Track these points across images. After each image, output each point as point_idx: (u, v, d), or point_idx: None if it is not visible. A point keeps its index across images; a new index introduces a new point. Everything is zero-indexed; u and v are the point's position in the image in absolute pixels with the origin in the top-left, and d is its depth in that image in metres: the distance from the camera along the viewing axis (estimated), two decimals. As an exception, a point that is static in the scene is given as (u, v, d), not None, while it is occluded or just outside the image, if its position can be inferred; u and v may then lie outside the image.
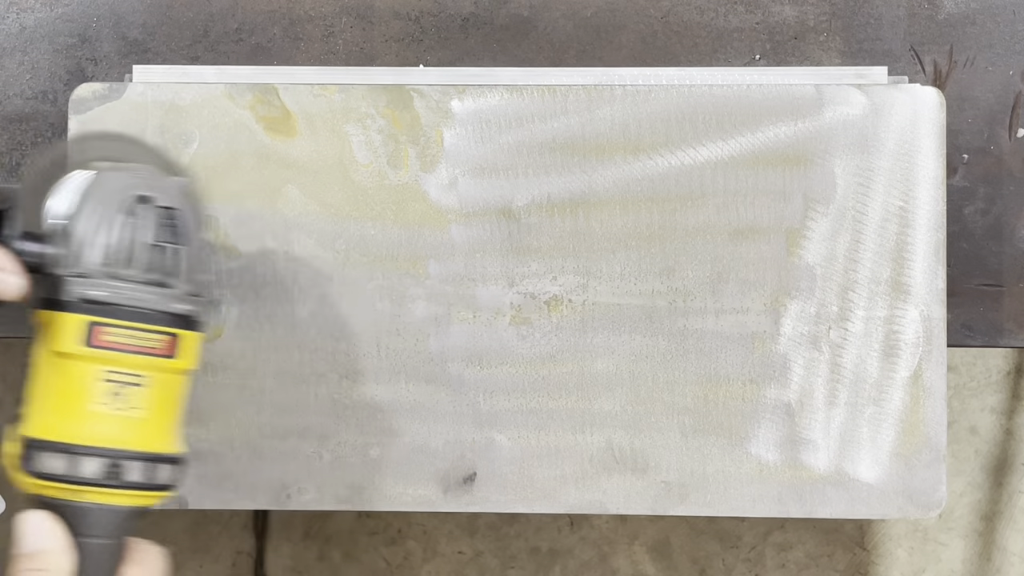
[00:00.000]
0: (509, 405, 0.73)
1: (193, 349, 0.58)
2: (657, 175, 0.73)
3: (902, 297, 0.72)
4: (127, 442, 0.56)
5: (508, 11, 0.78)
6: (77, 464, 0.55)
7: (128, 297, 0.56)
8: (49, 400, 0.56)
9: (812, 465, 0.73)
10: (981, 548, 1.57)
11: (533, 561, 1.56)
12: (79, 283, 0.56)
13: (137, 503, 0.57)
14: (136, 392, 0.56)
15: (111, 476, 0.56)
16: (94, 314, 0.55)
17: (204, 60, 0.78)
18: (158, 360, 0.57)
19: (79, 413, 0.56)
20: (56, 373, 0.56)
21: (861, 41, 0.78)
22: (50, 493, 0.56)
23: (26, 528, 0.55)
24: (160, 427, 0.58)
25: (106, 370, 0.56)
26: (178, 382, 0.58)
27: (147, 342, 0.56)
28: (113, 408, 0.56)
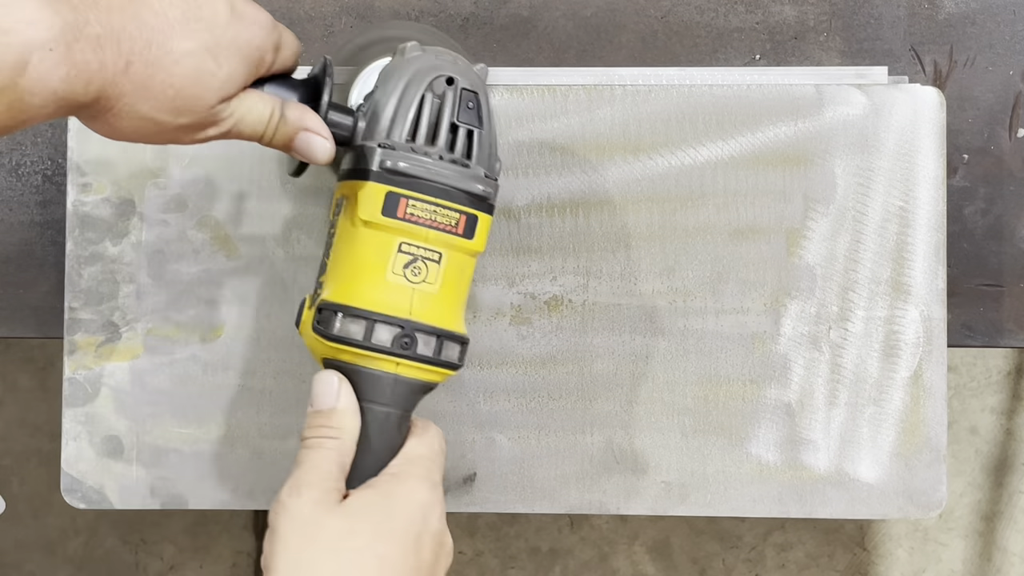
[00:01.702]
0: (509, 405, 0.73)
1: (485, 231, 0.59)
2: (657, 175, 0.73)
3: (902, 297, 0.72)
4: (420, 315, 0.57)
5: (508, 11, 0.78)
6: (373, 331, 0.56)
7: (431, 172, 0.57)
8: (348, 268, 0.57)
9: (812, 465, 0.73)
10: (981, 548, 1.57)
11: (533, 561, 1.56)
12: (385, 154, 0.57)
13: (424, 377, 0.58)
14: (431, 268, 0.57)
15: (404, 346, 0.57)
16: (398, 185, 0.56)
17: (204, 60, 0.78)
18: (454, 238, 0.57)
19: (378, 282, 0.57)
20: (357, 242, 0.57)
21: (861, 41, 0.78)
22: (344, 357, 0.57)
23: (321, 387, 0.57)
24: (450, 305, 0.58)
25: (405, 241, 0.57)
26: (468, 264, 0.59)
27: (445, 218, 0.57)
28: (409, 280, 0.57)
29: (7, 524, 1.57)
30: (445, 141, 0.58)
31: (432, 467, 0.57)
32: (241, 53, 0.53)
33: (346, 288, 0.57)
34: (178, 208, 0.73)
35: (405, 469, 0.57)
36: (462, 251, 0.58)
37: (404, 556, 0.54)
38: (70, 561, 1.58)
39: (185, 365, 0.73)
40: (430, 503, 0.56)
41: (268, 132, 0.56)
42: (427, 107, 0.58)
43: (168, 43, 0.50)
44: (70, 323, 0.73)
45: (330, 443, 0.56)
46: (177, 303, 0.72)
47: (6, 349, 1.59)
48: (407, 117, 0.57)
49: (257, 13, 0.54)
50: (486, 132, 0.59)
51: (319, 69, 0.59)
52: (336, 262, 0.58)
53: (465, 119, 0.58)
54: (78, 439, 0.73)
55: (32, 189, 0.77)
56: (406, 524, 0.54)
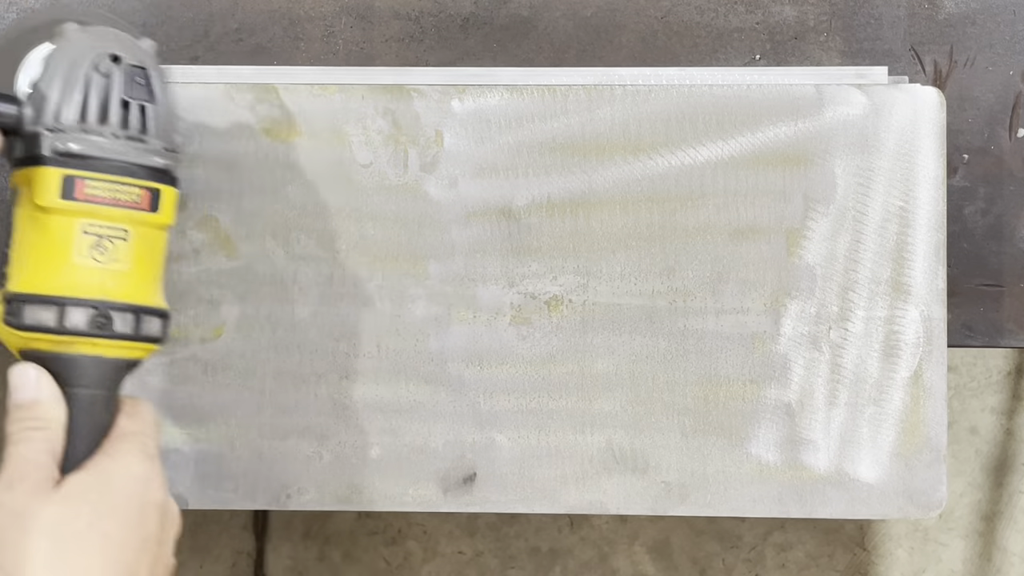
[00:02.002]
0: (509, 405, 0.73)
1: (171, 204, 0.59)
2: (657, 175, 0.73)
3: (902, 297, 0.72)
4: (113, 293, 0.57)
5: (508, 11, 0.78)
6: (65, 315, 0.56)
7: (106, 150, 0.57)
8: (33, 256, 0.57)
9: (812, 465, 0.73)
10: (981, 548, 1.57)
11: (533, 561, 1.56)
12: (56, 137, 0.56)
13: (126, 355, 0.58)
14: (119, 245, 0.57)
15: (99, 326, 0.56)
16: (73, 167, 0.56)
17: (204, 60, 0.78)
18: (139, 213, 0.58)
19: (64, 266, 0.56)
20: (39, 229, 0.57)
21: (861, 41, 0.78)
22: (39, 346, 0.57)
23: (18, 380, 0.56)
24: (144, 280, 0.58)
25: (88, 223, 0.56)
26: (159, 237, 0.59)
27: (127, 195, 0.57)
28: (97, 261, 0.57)
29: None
30: (118, 119, 0.58)
31: (146, 440, 0.57)
32: None
33: (33, 276, 0.57)
34: (178, 208, 0.73)
35: (117, 447, 0.57)
36: (150, 225, 0.58)
37: (128, 530, 0.54)
38: (70, 561, 1.58)
39: (185, 365, 0.73)
40: (147, 474, 0.56)
41: None
42: (94, 86, 0.57)
43: None
44: (70, 323, 0.73)
45: (37, 434, 0.55)
46: (177, 303, 0.72)
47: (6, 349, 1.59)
48: (74, 98, 0.57)
49: None
50: (160, 106, 0.59)
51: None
52: (20, 251, 0.58)
53: (135, 95, 0.58)
54: (78, 439, 0.73)
55: (32, 189, 0.77)
56: (125, 499, 0.55)
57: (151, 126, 0.59)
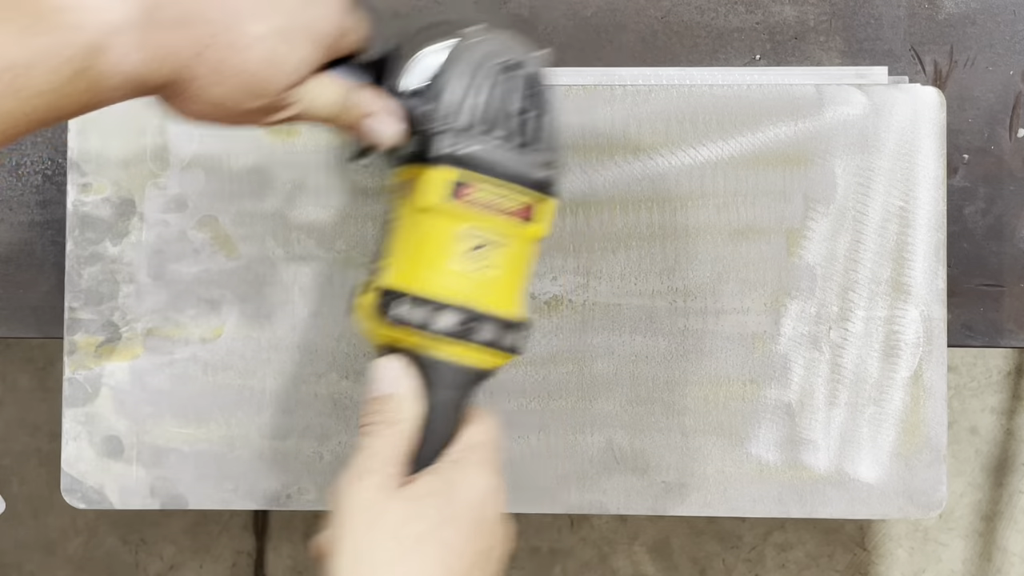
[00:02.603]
0: (509, 405, 0.73)
1: (548, 216, 0.58)
2: (657, 175, 0.73)
3: (902, 297, 0.72)
4: (482, 301, 0.56)
5: (508, 11, 0.78)
6: (435, 316, 0.55)
7: (496, 157, 0.56)
8: (411, 254, 0.57)
9: (812, 465, 0.73)
10: (981, 548, 1.57)
11: (533, 561, 1.56)
12: (449, 139, 0.56)
13: (485, 363, 0.57)
14: (494, 252, 0.57)
15: (466, 332, 0.56)
16: (463, 170, 0.56)
17: (204, 60, 0.78)
18: (517, 223, 0.57)
19: (440, 267, 0.56)
20: (420, 228, 0.57)
21: (861, 41, 0.78)
22: (406, 342, 0.56)
23: (382, 372, 0.56)
24: (512, 290, 0.58)
25: (469, 227, 0.56)
26: (531, 249, 0.59)
27: (509, 203, 0.57)
28: (472, 266, 0.56)
29: (7, 524, 1.57)
30: (509, 126, 0.57)
31: (492, 454, 0.57)
32: (312, 37, 0.53)
33: (409, 273, 0.56)
34: (178, 208, 0.73)
35: (466, 456, 0.56)
36: (526, 236, 0.58)
37: (466, 542, 0.54)
38: (70, 561, 1.58)
39: (185, 365, 0.73)
40: (491, 488, 0.56)
41: (337, 116, 0.55)
42: (494, 91, 0.57)
43: (241, 27, 0.50)
44: (70, 323, 0.73)
45: (391, 429, 0.55)
46: (177, 303, 0.72)
47: (6, 349, 1.59)
48: (473, 101, 0.57)
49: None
50: (552, 117, 0.58)
51: (388, 51, 0.58)
52: (398, 247, 0.58)
53: (530, 104, 0.58)
54: (78, 439, 0.73)
55: (32, 189, 0.77)
56: (468, 510, 0.54)
57: (541, 137, 0.58)
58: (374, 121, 0.56)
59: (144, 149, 0.73)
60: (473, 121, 0.57)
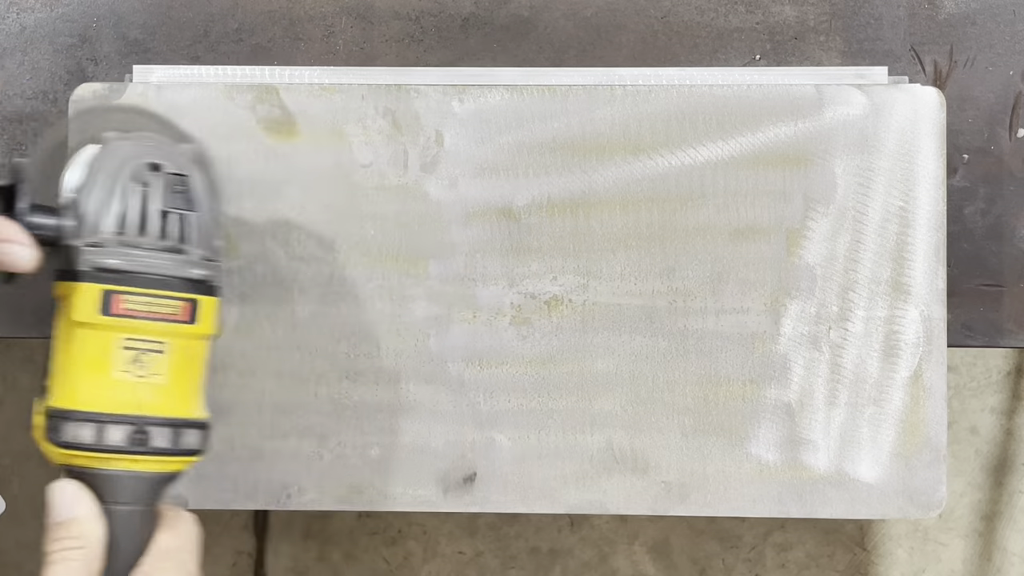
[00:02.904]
0: (509, 405, 0.73)
1: (211, 314, 0.59)
2: (657, 175, 0.73)
3: (902, 297, 0.72)
4: (151, 408, 0.57)
5: (508, 11, 0.78)
6: (103, 432, 0.56)
7: (143, 264, 0.57)
8: (71, 370, 0.57)
9: (812, 465, 0.73)
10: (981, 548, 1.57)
11: (533, 561, 1.56)
12: (93, 252, 0.56)
13: (165, 469, 0.58)
14: (157, 359, 0.57)
15: (137, 443, 0.56)
16: (110, 282, 0.56)
17: (204, 60, 0.78)
18: (177, 326, 0.57)
19: (102, 381, 0.56)
20: (77, 343, 0.57)
21: (861, 41, 0.78)
22: (78, 462, 0.56)
23: (56, 497, 0.56)
24: (183, 393, 0.58)
25: (126, 338, 0.56)
26: (199, 347, 0.59)
27: (165, 308, 0.57)
28: (135, 375, 0.56)
29: (7, 524, 1.57)
30: (156, 229, 0.57)
31: (186, 557, 0.57)
32: None
33: (72, 391, 0.56)
34: (178, 208, 0.73)
35: (157, 566, 0.56)
36: (189, 336, 0.58)
37: None
38: (70, 561, 1.58)
39: (185, 365, 0.73)
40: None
41: None
42: (133, 197, 0.57)
43: None
44: (70, 323, 0.72)
45: (74, 553, 0.55)
46: (177, 303, 0.72)
47: (6, 349, 1.59)
48: (112, 210, 0.57)
49: None
50: (201, 214, 0.58)
51: (11, 175, 0.58)
52: (60, 365, 0.57)
53: (174, 204, 0.58)
54: (78, 439, 0.73)
55: (32, 189, 0.77)
56: None
57: (190, 235, 0.58)
58: (4, 249, 0.56)
59: (144, 149, 0.73)
60: (117, 230, 0.57)
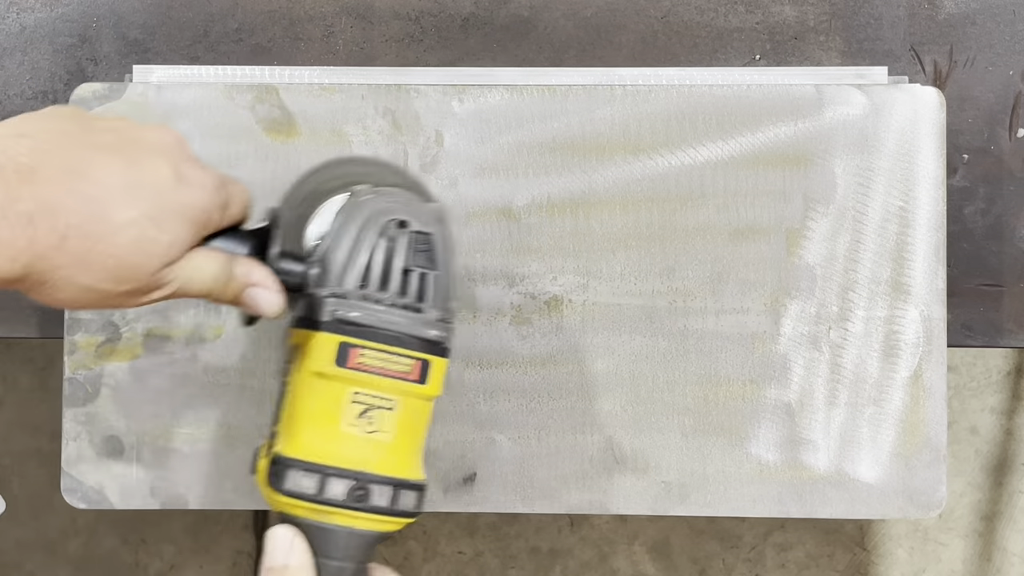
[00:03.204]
0: (509, 405, 0.73)
1: (440, 375, 0.58)
2: (657, 175, 0.73)
3: (902, 297, 0.72)
4: (375, 466, 0.56)
5: (508, 11, 0.78)
6: (325, 485, 0.56)
7: (382, 320, 0.56)
8: (302, 419, 0.57)
9: (812, 465, 0.73)
10: (981, 548, 1.57)
11: (533, 561, 1.56)
12: (335, 304, 0.56)
13: (380, 528, 0.57)
14: (385, 416, 0.57)
15: (358, 499, 0.56)
16: (349, 335, 0.56)
17: (204, 60, 0.78)
18: (408, 384, 0.57)
19: (330, 433, 0.56)
20: (310, 392, 0.57)
21: (861, 41, 0.78)
22: (297, 512, 0.56)
23: (274, 543, 0.56)
24: (406, 452, 0.58)
25: (358, 392, 0.56)
26: (424, 408, 0.59)
27: (398, 366, 0.56)
28: (363, 430, 0.56)
29: (7, 524, 1.57)
30: (397, 286, 0.57)
31: None
32: (185, 217, 0.52)
33: (299, 440, 0.56)
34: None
35: None
36: (417, 396, 0.57)
37: None
38: (70, 561, 1.58)
39: (185, 365, 0.73)
40: None
41: (216, 290, 0.55)
42: (378, 252, 0.57)
43: (108, 213, 0.49)
44: (70, 323, 0.73)
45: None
46: (177, 303, 0.72)
47: (6, 349, 1.59)
48: (357, 264, 0.57)
49: (203, 176, 0.54)
50: (440, 274, 0.58)
51: (267, 219, 0.59)
52: (289, 412, 0.58)
53: (417, 262, 0.58)
54: (78, 439, 0.73)
55: (32, 189, 0.77)
56: None
57: (429, 295, 0.58)
58: (254, 293, 0.56)
59: (144, 149, 0.73)
60: (359, 284, 0.57)
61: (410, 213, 0.58)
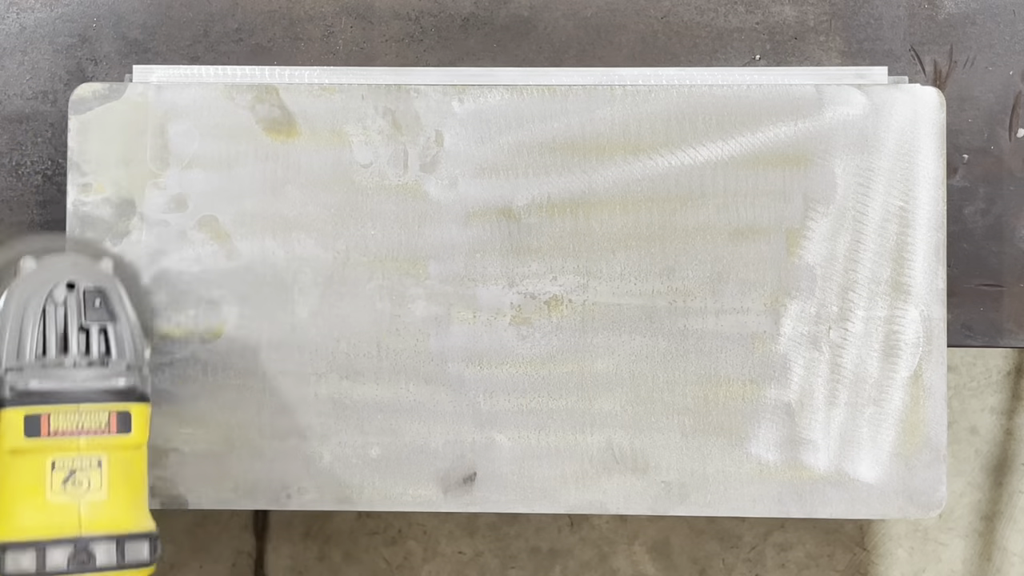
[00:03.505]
0: (509, 405, 0.73)
1: (144, 421, 0.58)
2: (657, 175, 0.73)
3: (902, 297, 0.72)
4: (92, 526, 0.56)
5: (508, 11, 0.78)
6: (46, 558, 0.55)
7: (66, 382, 0.56)
8: (8, 500, 0.56)
9: (812, 465, 0.73)
10: (981, 548, 1.57)
11: (533, 561, 1.56)
12: (13, 378, 0.56)
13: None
14: (94, 474, 0.56)
15: (81, 563, 0.55)
16: (33, 403, 0.56)
17: (204, 60, 0.78)
18: (110, 438, 0.57)
19: (39, 505, 0.56)
20: (11, 470, 0.56)
21: (861, 41, 0.78)
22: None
23: None
24: (125, 506, 0.57)
25: (57, 457, 0.56)
26: (136, 457, 0.58)
27: (94, 422, 0.56)
28: (73, 495, 0.56)
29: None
30: (80, 346, 0.57)
31: None
32: None
33: (11, 522, 0.56)
34: (178, 208, 0.73)
35: None
36: (124, 448, 0.57)
37: None
38: (70, 561, 1.58)
39: (185, 365, 0.73)
40: None
41: None
42: (50, 318, 0.57)
43: None
44: (70, 323, 0.72)
45: None
46: (177, 303, 0.72)
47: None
48: (29, 335, 0.57)
49: None
50: (121, 323, 0.58)
51: None
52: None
53: (93, 318, 0.58)
54: (78, 439, 0.73)
55: (32, 189, 0.77)
56: None
57: (114, 346, 0.58)
58: None
59: (144, 149, 0.73)
60: (39, 352, 0.57)
61: (78, 273, 0.59)
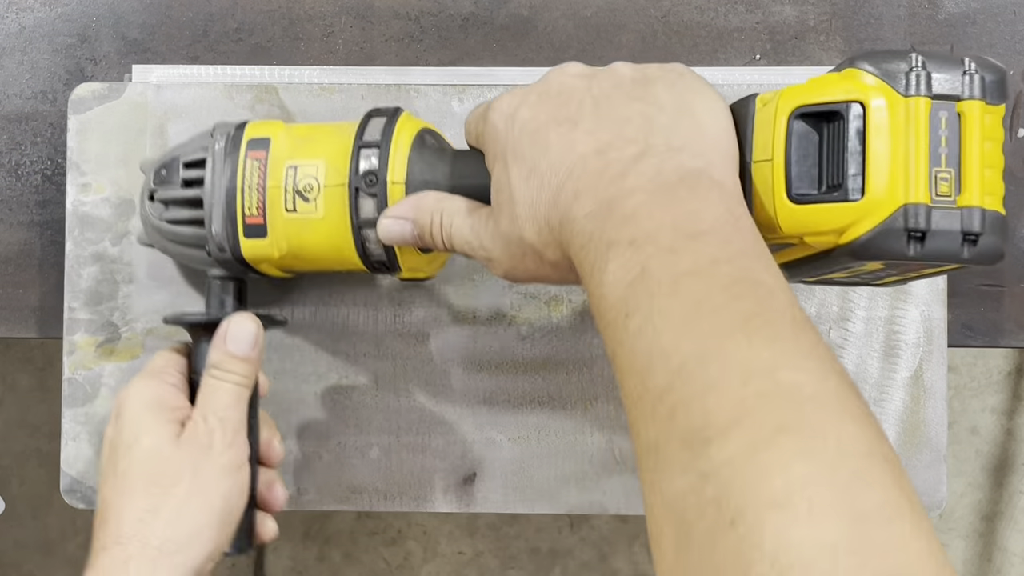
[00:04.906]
0: (509, 405, 0.73)
1: None
2: (657, 175, 0.72)
3: (902, 297, 0.72)
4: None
5: (508, 11, 0.78)
6: None
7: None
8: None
9: (812, 465, 0.72)
10: (981, 548, 1.57)
11: (533, 561, 1.56)
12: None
13: None
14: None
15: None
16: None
17: (204, 60, 0.78)
18: None
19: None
20: None
21: (861, 41, 0.78)
22: None
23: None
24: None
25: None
26: None
27: None
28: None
29: (7, 524, 1.57)
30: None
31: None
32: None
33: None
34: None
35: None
36: None
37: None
38: (70, 561, 1.58)
39: (185, 365, 0.73)
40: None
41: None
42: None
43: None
44: (69, 323, 0.72)
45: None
46: (177, 303, 0.72)
47: (6, 349, 1.59)
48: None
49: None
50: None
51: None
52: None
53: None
54: (77, 439, 0.73)
55: (32, 189, 0.77)
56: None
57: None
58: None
59: (144, 149, 0.73)
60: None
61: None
